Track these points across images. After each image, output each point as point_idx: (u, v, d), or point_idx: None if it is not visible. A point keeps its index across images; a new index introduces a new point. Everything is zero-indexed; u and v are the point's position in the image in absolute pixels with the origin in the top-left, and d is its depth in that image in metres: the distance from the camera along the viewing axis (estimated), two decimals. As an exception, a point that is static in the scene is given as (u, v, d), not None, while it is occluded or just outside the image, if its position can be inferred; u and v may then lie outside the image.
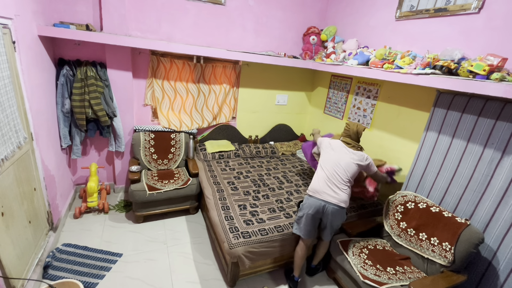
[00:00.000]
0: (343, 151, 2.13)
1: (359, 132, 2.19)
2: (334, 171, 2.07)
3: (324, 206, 2.03)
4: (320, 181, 2.09)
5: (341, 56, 2.98)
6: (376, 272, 1.97)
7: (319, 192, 2.06)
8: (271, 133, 3.97)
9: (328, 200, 2.02)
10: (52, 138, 2.53)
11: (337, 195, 2.03)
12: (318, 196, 2.06)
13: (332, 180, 2.06)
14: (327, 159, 2.14)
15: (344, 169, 2.07)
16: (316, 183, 2.10)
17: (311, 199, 2.08)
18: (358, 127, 2.20)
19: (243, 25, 3.32)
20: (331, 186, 2.05)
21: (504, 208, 1.85)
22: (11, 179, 1.72)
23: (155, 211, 2.84)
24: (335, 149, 2.16)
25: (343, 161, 2.08)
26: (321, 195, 2.05)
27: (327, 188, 2.05)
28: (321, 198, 2.04)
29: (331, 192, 2.04)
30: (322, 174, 2.11)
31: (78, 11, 2.64)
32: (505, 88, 1.60)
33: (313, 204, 2.05)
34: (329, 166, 2.10)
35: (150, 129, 3.17)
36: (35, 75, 2.17)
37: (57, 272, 2.12)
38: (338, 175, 2.06)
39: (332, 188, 2.04)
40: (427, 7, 2.37)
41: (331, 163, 2.10)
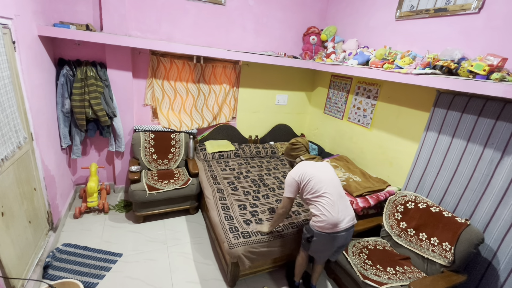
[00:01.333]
0: (321, 169, 1.90)
1: (307, 144, 2.08)
2: (336, 190, 1.85)
3: (346, 236, 1.85)
4: (329, 209, 1.77)
5: (341, 56, 2.98)
6: (376, 272, 1.97)
7: (340, 223, 1.78)
8: (271, 133, 3.96)
9: (348, 226, 1.82)
10: (52, 138, 2.53)
11: (351, 214, 1.87)
12: (339, 229, 1.78)
13: (339, 201, 1.82)
14: (320, 184, 1.81)
15: (338, 183, 1.91)
16: (330, 214, 1.76)
17: (325, 237, 1.81)
18: (305, 139, 2.08)
19: (243, 25, 3.32)
20: (342, 208, 1.82)
21: (504, 208, 1.85)
22: (11, 179, 1.72)
23: (155, 211, 2.84)
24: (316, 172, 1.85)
25: (331, 176, 1.90)
26: (342, 225, 1.79)
27: (342, 213, 1.80)
28: (341, 230, 1.79)
29: (345, 215, 1.82)
30: (326, 202, 1.78)
31: (78, 11, 2.65)
32: (505, 88, 1.60)
33: (331, 241, 1.83)
34: (329, 189, 1.81)
35: (150, 129, 3.17)
36: (35, 75, 2.17)
37: (57, 272, 2.12)
38: (341, 192, 1.88)
39: (344, 210, 1.82)
40: (427, 7, 2.37)
41: (326, 185, 1.82)
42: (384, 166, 2.90)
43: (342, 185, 2.65)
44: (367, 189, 2.59)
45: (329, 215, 1.76)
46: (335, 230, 1.78)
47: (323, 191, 1.80)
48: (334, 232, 1.79)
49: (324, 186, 1.81)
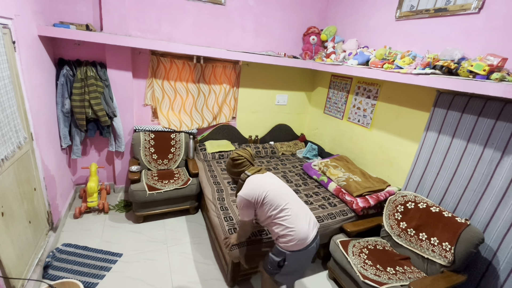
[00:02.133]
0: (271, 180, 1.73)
1: (252, 154, 1.88)
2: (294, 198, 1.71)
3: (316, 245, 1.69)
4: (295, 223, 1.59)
5: (341, 56, 2.98)
6: (376, 272, 1.97)
7: (308, 235, 1.61)
8: (271, 133, 3.96)
9: (315, 235, 1.67)
10: (52, 138, 2.53)
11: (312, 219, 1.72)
12: (309, 241, 1.61)
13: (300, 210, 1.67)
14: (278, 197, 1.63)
15: (290, 190, 1.77)
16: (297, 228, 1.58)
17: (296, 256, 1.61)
18: (249, 151, 1.87)
19: (243, 25, 3.32)
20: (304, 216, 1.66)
21: (504, 208, 1.85)
22: (11, 179, 1.72)
23: (155, 211, 2.84)
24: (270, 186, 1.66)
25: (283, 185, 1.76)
26: (310, 236, 1.62)
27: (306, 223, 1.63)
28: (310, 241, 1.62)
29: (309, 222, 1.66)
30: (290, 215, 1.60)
31: (78, 11, 2.65)
32: (505, 88, 1.60)
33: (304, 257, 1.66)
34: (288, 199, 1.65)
35: (150, 129, 3.17)
36: (35, 75, 2.17)
37: (57, 272, 2.12)
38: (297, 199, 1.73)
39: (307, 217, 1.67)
40: (427, 7, 2.37)
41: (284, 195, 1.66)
42: (384, 166, 2.90)
43: (342, 185, 2.68)
44: (367, 189, 2.59)
45: (298, 229, 1.57)
46: (307, 243, 1.60)
47: (284, 204, 1.61)
48: (307, 246, 1.60)
49: (283, 198, 1.63)
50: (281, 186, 1.71)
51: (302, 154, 3.76)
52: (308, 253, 1.64)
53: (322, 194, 2.76)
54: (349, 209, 2.55)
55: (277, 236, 1.64)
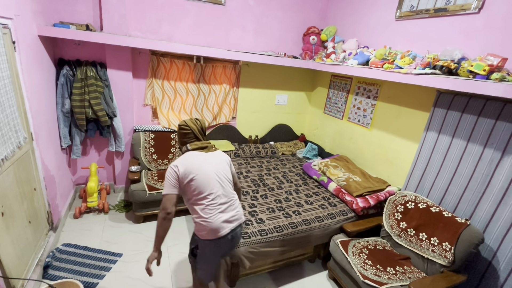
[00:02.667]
0: (209, 161, 1.60)
1: (203, 128, 1.70)
2: (222, 188, 1.59)
3: (233, 238, 1.61)
4: (213, 213, 1.53)
5: (341, 56, 2.98)
6: (376, 272, 1.97)
7: (222, 228, 1.54)
8: (271, 133, 3.96)
9: (233, 228, 1.59)
10: (52, 138, 2.53)
11: (237, 214, 1.63)
12: (223, 233, 1.54)
13: (224, 202, 1.59)
14: (203, 184, 1.53)
15: (225, 178, 1.64)
16: (212, 219, 1.52)
17: (211, 245, 1.56)
18: (199, 123, 1.69)
19: (243, 25, 3.32)
20: (228, 209, 1.59)
21: (504, 208, 1.85)
22: (11, 179, 1.72)
23: (155, 211, 2.83)
24: (202, 168, 1.55)
25: (219, 170, 1.62)
26: (225, 229, 1.55)
27: (226, 216, 1.57)
28: (226, 233, 1.56)
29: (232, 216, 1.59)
30: (210, 203, 1.54)
31: (78, 11, 2.65)
32: (505, 88, 1.60)
33: (218, 248, 1.58)
34: (214, 189, 1.55)
35: (150, 129, 3.17)
36: (35, 75, 2.17)
37: (57, 272, 2.12)
38: (226, 190, 1.62)
39: (230, 211, 1.60)
40: (427, 7, 2.37)
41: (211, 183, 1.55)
42: (384, 166, 2.90)
43: (342, 185, 2.67)
44: (367, 189, 2.59)
45: (211, 221, 1.52)
46: (220, 235, 1.53)
47: (207, 193, 1.53)
48: (219, 238, 1.54)
49: (209, 186, 1.54)
50: (212, 173, 1.57)
51: (302, 154, 3.76)
52: (221, 245, 1.57)
53: (322, 194, 2.76)
54: (349, 209, 2.55)
55: (194, 221, 1.59)
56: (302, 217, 2.35)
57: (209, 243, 1.56)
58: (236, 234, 1.63)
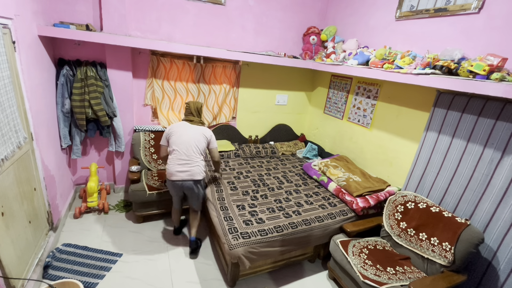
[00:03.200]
0: (189, 130, 2.33)
1: (198, 108, 2.43)
2: (186, 149, 2.26)
3: (182, 185, 2.28)
4: (172, 163, 2.27)
5: (341, 56, 2.98)
6: (376, 272, 1.97)
7: (174, 174, 2.25)
8: (271, 133, 3.96)
9: (183, 179, 2.25)
10: (52, 138, 2.53)
11: (189, 171, 2.26)
12: (174, 178, 2.26)
13: (183, 159, 2.26)
14: (175, 141, 2.28)
15: (194, 145, 2.29)
16: (170, 166, 2.28)
17: (169, 183, 2.35)
18: (197, 104, 2.43)
19: (243, 25, 3.32)
20: (183, 165, 2.25)
21: (504, 208, 1.85)
22: (11, 179, 1.72)
23: (155, 211, 2.84)
24: (180, 131, 2.31)
25: (191, 137, 2.29)
26: (176, 176, 2.25)
27: (179, 168, 2.25)
28: (176, 179, 2.26)
29: (184, 170, 2.25)
30: (173, 156, 2.28)
31: (78, 11, 2.65)
32: (505, 88, 1.60)
33: (172, 187, 2.34)
34: (180, 147, 2.26)
35: (150, 129, 3.17)
36: (35, 75, 2.17)
37: (57, 272, 2.12)
38: (189, 152, 2.27)
39: (184, 166, 2.25)
40: (427, 7, 2.37)
41: (180, 143, 2.27)
42: (384, 166, 2.90)
43: (342, 185, 2.68)
44: (367, 189, 2.59)
45: (169, 166, 2.28)
46: (173, 179, 2.27)
47: (174, 147, 2.27)
48: (172, 180, 2.28)
49: (177, 144, 2.27)
50: (185, 138, 2.28)
51: (302, 154, 3.76)
52: (174, 186, 2.31)
53: (322, 194, 2.76)
54: (349, 209, 2.55)
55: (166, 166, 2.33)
56: (302, 217, 2.35)
57: (167, 181, 2.38)
58: (185, 184, 2.28)
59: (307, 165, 3.23)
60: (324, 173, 2.98)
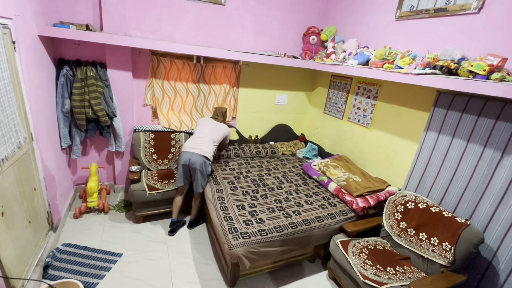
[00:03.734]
0: (211, 123, 2.94)
1: (223, 112, 3.07)
2: (202, 135, 2.77)
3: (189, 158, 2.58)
4: (190, 141, 2.74)
5: (341, 56, 2.98)
6: (376, 272, 1.97)
7: (186, 147, 2.68)
8: (271, 133, 3.96)
9: (192, 152, 2.62)
10: (52, 138, 2.53)
11: (199, 149, 2.65)
12: (185, 150, 2.67)
13: (198, 141, 2.71)
14: (198, 130, 2.86)
15: (211, 133, 2.80)
16: (186, 143, 2.74)
17: (179, 157, 2.66)
18: (222, 109, 3.09)
19: (243, 25, 3.32)
20: (196, 143, 2.69)
21: (504, 208, 1.85)
22: (11, 179, 1.72)
23: (155, 211, 2.84)
24: (205, 123, 2.92)
25: (211, 130, 2.85)
26: (187, 148, 2.66)
27: (192, 145, 2.68)
28: (186, 150, 2.64)
29: (195, 147, 2.66)
30: (192, 137, 2.79)
31: (78, 11, 2.65)
32: (505, 88, 1.60)
33: (181, 159, 2.63)
34: (199, 134, 2.78)
35: (150, 129, 3.17)
36: (35, 75, 2.17)
37: (57, 272, 2.12)
38: (204, 138, 2.74)
39: (196, 145, 2.68)
40: (427, 7, 2.37)
41: (201, 131, 2.82)
42: (384, 166, 2.90)
43: (342, 185, 2.68)
44: (367, 189, 2.59)
45: (186, 143, 2.74)
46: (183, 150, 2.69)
47: (196, 133, 2.83)
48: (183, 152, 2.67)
49: (199, 131, 2.83)
50: (204, 129, 2.84)
51: (302, 154, 3.76)
52: (183, 156, 2.63)
53: (322, 194, 2.76)
54: (349, 209, 2.55)
55: None
56: (302, 217, 2.35)
57: (181, 152, 2.70)
58: (193, 156, 2.60)
59: (307, 165, 3.23)
60: (324, 173, 2.98)
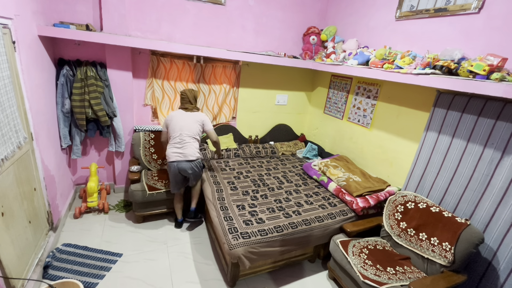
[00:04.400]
0: (184, 116, 2.60)
1: (195, 96, 2.71)
2: (180, 134, 2.55)
3: (177, 166, 2.52)
4: (169, 147, 2.58)
5: (341, 56, 2.98)
6: (376, 272, 1.97)
7: (170, 156, 2.55)
8: (271, 133, 3.96)
9: (177, 160, 2.52)
10: (52, 138, 2.53)
11: (183, 153, 2.53)
12: (170, 160, 2.55)
13: (177, 142, 2.55)
14: (173, 128, 2.58)
15: (187, 129, 2.56)
16: (168, 150, 2.59)
17: (168, 166, 2.61)
18: (193, 92, 2.70)
19: (243, 25, 3.32)
20: (178, 148, 2.54)
21: (504, 208, 1.85)
22: (11, 179, 1.72)
23: (155, 211, 2.84)
24: (174, 120, 2.59)
25: (185, 123, 2.57)
26: (171, 157, 2.54)
27: (174, 150, 2.54)
28: (172, 160, 2.54)
29: (178, 152, 2.53)
30: (171, 141, 2.60)
31: (78, 11, 2.65)
32: (505, 88, 1.60)
33: (169, 168, 2.57)
34: (175, 133, 2.56)
35: (150, 129, 3.17)
36: (35, 75, 2.17)
37: (57, 272, 2.12)
38: (182, 137, 2.55)
39: (178, 149, 2.54)
40: (427, 7, 2.37)
41: (175, 130, 2.56)
42: (384, 166, 2.90)
43: (342, 185, 2.68)
44: (367, 189, 2.59)
45: (168, 150, 2.58)
46: (169, 160, 2.56)
47: (171, 134, 2.60)
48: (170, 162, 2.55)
49: (175, 131, 2.56)
50: (179, 125, 2.56)
51: (302, 154, 3.76)
52: (171, 166, 2.55)
53: (322, 194, 2.76)
54: (349, 209, 2.55)
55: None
56: (302, 217, 2.35)
57: (168, 163, 2.59)
58: (180, 164, 2.53)
59: (307, 165, 3.23)
60: (324, 173, 2.98)
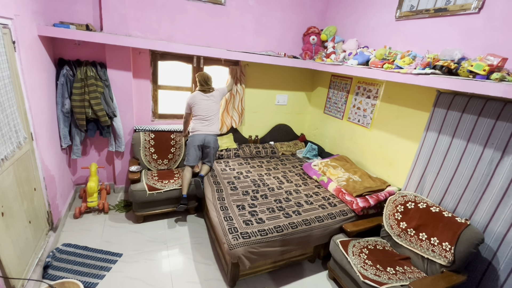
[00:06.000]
0: (204, 99, 2.90)
1: (208, 78, 2.93)
2: (206, 115, 2.91)
3: (204, 138, 2.88)
4: (197, 124, 2.92)
5: (341, 56, 2.98)
6: (376, 272, 1.97)
7: (199, 130, 2.89)
8: (271, 133, 3.96)
9: (206, 133, 2.90)
10: (52, 138, 2.53)
11: (210, 129, 2.93)
12: (198, 132, 2.89)
13: (205, 121, 2.91)
14: (197, 111, 2.90)
15: (210, 110, 2.92)
16: (196, 126, 2.92)
17: (192, 137, 2.91)
18: (203, 75, 2.92)
19: (243, 25, 3.32)
20: (206, 126, 2.92)
21: (504, 208, 1.85)
22: (11, 179, 1.72)
23: (155, 211, 2.84)
24: (202, 102, 2.89)
25: (208, 105, 2.91)
26: (201, 131, 2.89)
27: (203, 127, 2.90)
28: (201, 133, 2.89)
29: (208, 129, 2.92)
30: (198, 120, 2.92)
31: (78, 11, 2.65)
32: (505, 88, 1.60)
33: (194, 139, 2.88)
34: (201, 115, 2.90)
35: (150, 129, 3.17)
36: (35, 75, 2.17)
37: (57, 272, 2.12)
38: (208, 117, 2.91)
39: (206, 127, 2.92)
40: (427, 7, 2.37)
41: (201, 112, 2.89)
42: (384, 166, 2.90)
43: (342, 185, 2.68)
44: (367, 189, 2.59)
45: (196, 126, 2.92)
46: (196, 132, 2.90)
47: (197, 115, 2.91)
48: (197, 134, 2.89)
49: (200, 112, 2.89)
50: (203, 106, 2.90)
51: (302, 154, 3.76)
52: (198, 136, 2.89)
53: (322, 194, 2.76)
54: (349, 209, 2.55)
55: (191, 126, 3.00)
56: (302, 217, 2.35)
57: (190, 136, 2.94)
58: (208, 137, 2.91)
59: (307, 165, 3.23)
60: (324, 173, 2.98)
